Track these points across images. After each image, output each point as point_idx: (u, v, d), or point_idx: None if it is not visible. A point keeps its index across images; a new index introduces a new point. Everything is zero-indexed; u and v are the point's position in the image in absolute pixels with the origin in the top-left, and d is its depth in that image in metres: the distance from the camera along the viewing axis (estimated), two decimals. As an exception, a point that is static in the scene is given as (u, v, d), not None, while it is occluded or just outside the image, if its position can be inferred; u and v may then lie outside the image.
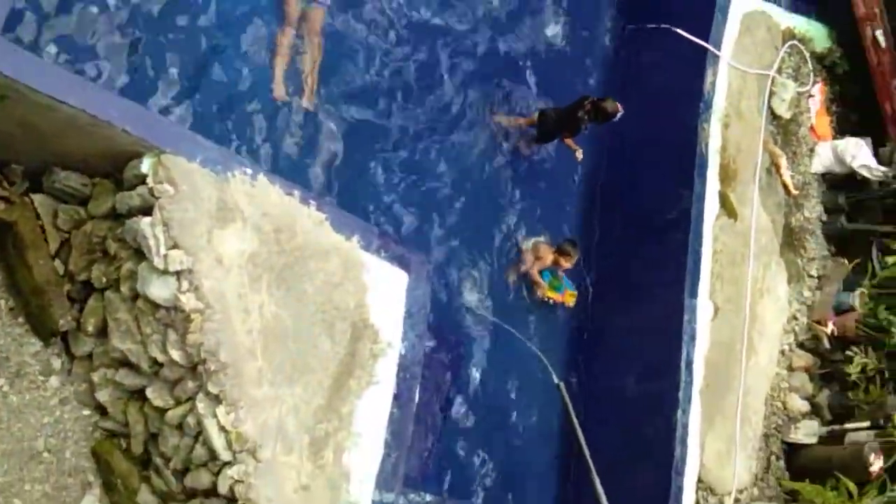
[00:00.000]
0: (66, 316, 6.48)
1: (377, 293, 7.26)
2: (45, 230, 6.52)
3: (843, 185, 11.76)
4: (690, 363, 9.64)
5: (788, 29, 11.48)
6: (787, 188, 11.17)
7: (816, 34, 11.86)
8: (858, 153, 11.40)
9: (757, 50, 10.99)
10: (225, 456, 6.23)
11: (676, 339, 9.67)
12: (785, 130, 11.29)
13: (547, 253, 10.03)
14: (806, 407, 10.80)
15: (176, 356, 6.22)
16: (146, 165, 6.17)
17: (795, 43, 11.49)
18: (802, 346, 11.10)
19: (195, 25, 8.06)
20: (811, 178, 11.61)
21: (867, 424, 10.36)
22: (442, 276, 9.49)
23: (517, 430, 9.96)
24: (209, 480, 6.32)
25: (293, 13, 8.47)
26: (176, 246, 6.08)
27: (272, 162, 8.41)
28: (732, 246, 10.32)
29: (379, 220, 9.08)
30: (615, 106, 9.64)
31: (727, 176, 10.35)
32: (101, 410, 6.67)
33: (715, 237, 10.13)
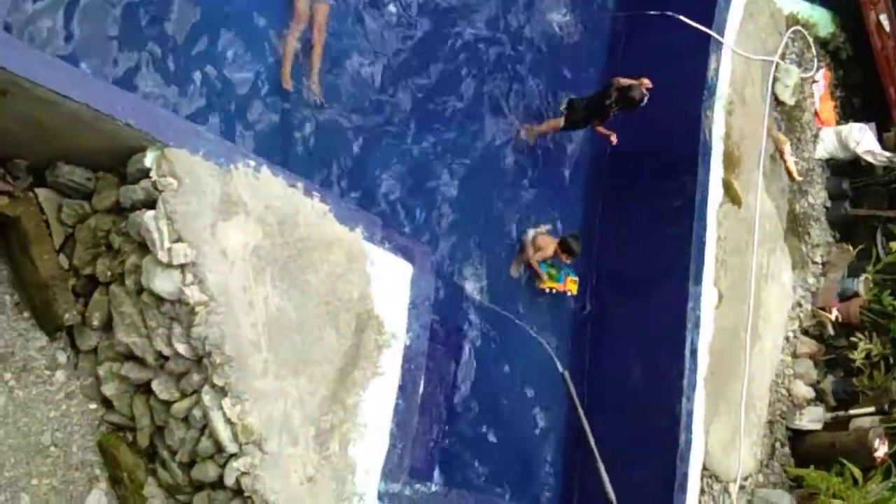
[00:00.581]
0: (71, 310, 6.50)
1: (381, 284, 7.26)
2: (49, 225, 6.53)
3: (847, 170, 11.74)
4: (695, 350, 9.64)
5: (792, 14, 11.43)
6: (790, 174, 11.14)
7: (820, 19, 11.81)
8: (862, 138, 11.36)
9: (760, 36, 10.95)
10: (231, 448, 6.26)
11: (680, 326, 9.65)
12: (789, 116, 11.25)
13: (549, 244, 10.01)
14: (810, 393, 10.80)
15: (181, 349, 6.24)
16: (149, 159, 6.17)
17: (799, 28, 11.45)
18: (807, 332, 11.10)
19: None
20: (815, 163, 11.59)
21: (872, 410, 10.37)
22: (446, 266, 9.50)
23: (522, 419, 9.98)
24: (216, 473, 6.34)
25: (303, 9, 8.61)
26: (180, 239, 6.09)
27: (276, 153, 8.42)
28: (736, 233, 10.31)
29: (382, 210, 9.08)
30: (641, 93, 9.70)
31: (731, 163, 10.33)
32: (107, 404, 6.70)
33: (719, 224, 10.11)
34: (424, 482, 8.00)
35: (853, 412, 10.48)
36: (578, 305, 10.61)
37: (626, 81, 9.84)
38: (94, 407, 6.70)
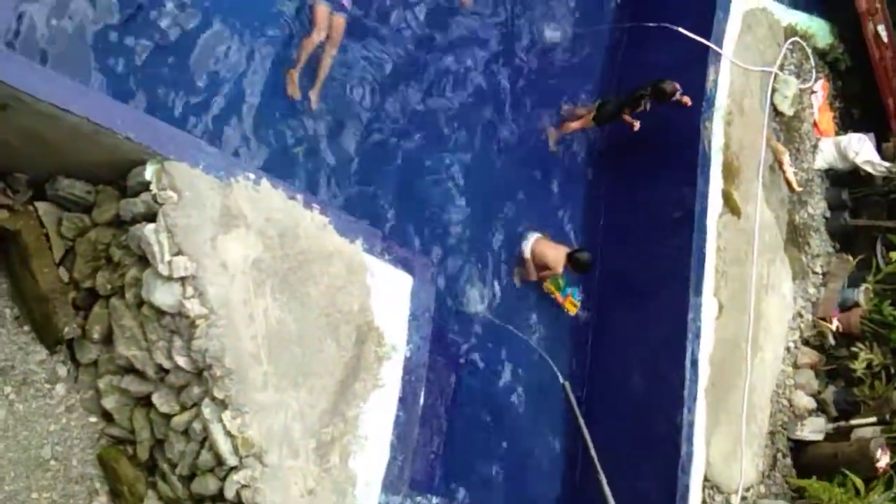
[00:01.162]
0: (71, 323, 6.50)
1: (381, 296, 7.26)
2: (49, 238, 6.54)
3: (846, 181, 11.74)
4: (695, 361, 9.63)
5: (790, 25, 11.46)
6: (790, 185, 11.15)
7: (818, 30, 11.84)
8: (862, 149, 11.37)
9: (759, 47, 10.98)
10: (231, 461, 6.25)
11: (681, 337, 9.64)
12: (788, 127, 11.27)
13: (556, 260, 9.85)
14: (812, 404, 10.78)
15: (181, 362, 6.24)
16: (149, 172, 6.19)
17: (797, 39, 11.47)
18: (807, 342, 11.08)
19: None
20: (814, 174, 11.60)
21: (873, 420, 10.35)
22: (446, 278, 9.50)
23: (522, 430, 9.95)
24: (216, 486, 6.33)
25: (322, 20, 8.72)
26: (180, 252, 6.09)
27: (277, 163, 8.47)
28: (736, 243, 10.31)
29: (383, 223, 9.10)
30: (673, 87, 9.88)
31: (730, 173, 10.34)
32: (107, 417, 6.69)
33: (718, 234, 10.11)
34: (425, 494, 8.01)
35: (855, 422, 10.45)
36: (579, 316, 10.58)
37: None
38: (94, 420, 6.69)
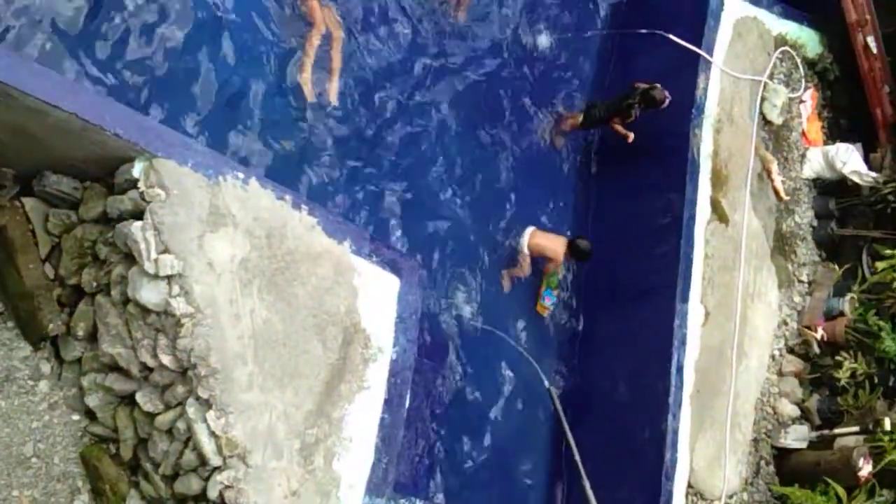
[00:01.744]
0: (55, 320, 6.47)
1: (368, 298, 7.26)
2: (35, 234, 6.51)
3: (833, 190, 11.78)
4: (681, 368, 9.65)
5: (780, 35, 11.50)
6: (778, 193, 11.18)
7: (808, 40, 11.88)
8: (849, 159, 11.41)
9: (749, 56, 11.01)
10: (215, 461, 6.23)
11: (667, 343, 9.66)
12: (776, 136, 11.31)
13: (556, 249, 9.90)
14: (796, 412, 10.81)
15: (166, 361, 6.22)
16: (138, 169, 6.17)
17: (787, 49, 11.51)
18: (792, 350, 11.11)
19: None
20: (802, 183, 11.63)
21: (856, 429, 10.37)
22: (433, 280, 9.49)
23: (507, 434, 9.95)
24: (199, 486, 6.31)
25: (318, 16, 8.68)
26: (167, 250, 6.07)
27: (272, 165, 8.50)
28: (724, 251, 10.34)
29: (371, 223, 9.10)
30: (662, 94, 9.87)
31: (719, 181, 10.37)
32: (90, 415, 6.66)
33: (706, 242, 10.13)
34: (409, 497, 8.00)
35: (838, 431, 10.48)
36: (566, 321, 10.60)
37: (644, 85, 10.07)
38: (77, 418, 6.65)
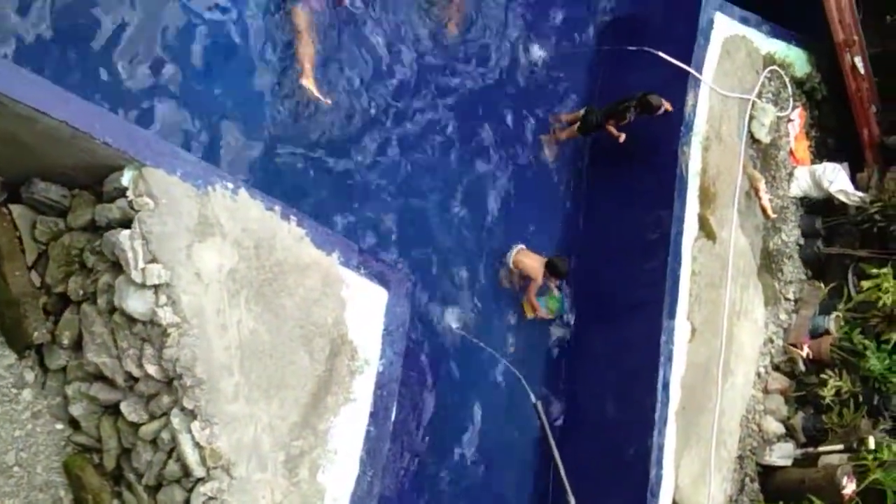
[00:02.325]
0: (41, 328, 6.43)
1: (356, 310, 7.25)
2: (22, 241, 6.48)
3: (820, 209, 11.85)
4: (667, 384, 9.66)
5: (769, 54, 11.58)
6: (765, 211, 11.23)
7: (796, 59, 11.97)
8: (836, 178, 11.48)
9: (737, 74, 11.08)
10: (199, 472, 6.20)
11: (653, 359, 9.67)
12: (764, 154, 11.37)
13: (537, 269, 10.01)
14: (781, 429, 10.83)
15: (152, 371, 6.19)
16: (126, 178, 6.16)
17: (775, 68, 11.59)
18: (778, 368, 11.14)
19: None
20: (789, 201, 11.69)
21: (841, 447, 10.39)
22: (422, 293, 9.49)
23: (494, 449, 9.93)
24: (182, 497, 6.27)
25: (303, 22, 8.80)
26: (154, 260, 6.06)
27: (255, 175, 8.49)
28: (711, 268, 10.37)
29: (359, 236, 9.10)
30: (659, 101, 9.98)
31: (706, 198, 10.42)
32: (74, 425, 6.62)
33: (693, 259, 10.17)
34: (394, 511, 7.96)
35: (822, 449, 10.50)
36: (553, 336, 10.59)
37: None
38: (60, 427, 6.61)
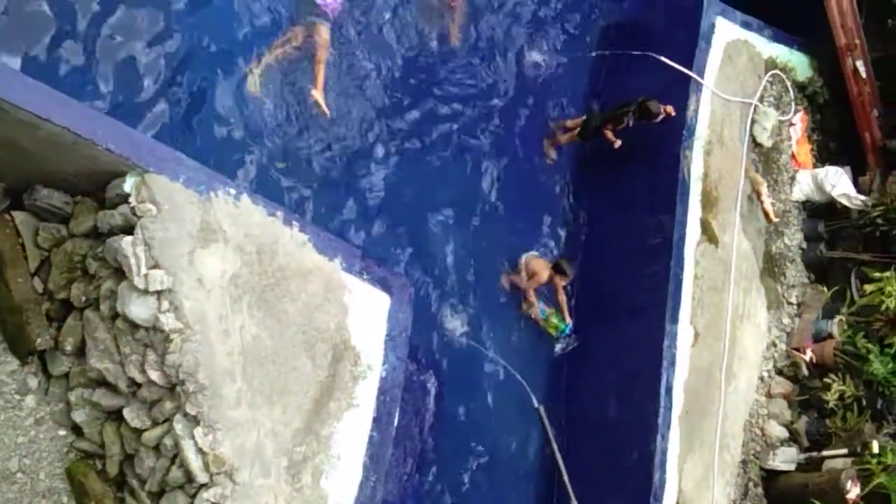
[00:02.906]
0: (43, 335, 6.44)
1: (358, 315, 7.25)
2: (24, 248, 6.49)
3: (822, 213, 11.84)
4: (670, 388, 9.65)
5: (770, 58, 11.58)
6: (767, 215, 11.23)
7: (798, 64, 11.97)
8: (838, 182, 11.47)
9: (739, 78, 11.09)
10: (202, 478, 6.19)
11: (656, 364, 9.66)
12: (766, 158, 11.37)
13: (542, 270, 10.08)
14: (784, 433, 10.81)
15: (154, 377, 6.19)
16: (129, 184, 6.16)
17: (777, 72, 11.59)
18: (781, 372, 11.13)
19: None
20: (791, 205, 11.68)
21: (844, 452, 10.37)
22: (424, 298, 9.48)
23: (497, 453, 9.92)
24: (185, 503, 6.26)
25: (324, 37, 8.96)
26: (157, 266, 6.06)
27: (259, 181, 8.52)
28: (713, 272, 10.36)
29: (363, 240, 9.11)
30: (658, 107, 10.03)
31: (709, 202, 10.41)
32: (76, 431, 6.62)
33: (696, 263, 10.16)
34: (397, 516, 7.95)
35: (826, 453, 10.48)
36: (556, 341, 10.58)
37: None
38: (63, 433, 6.61)
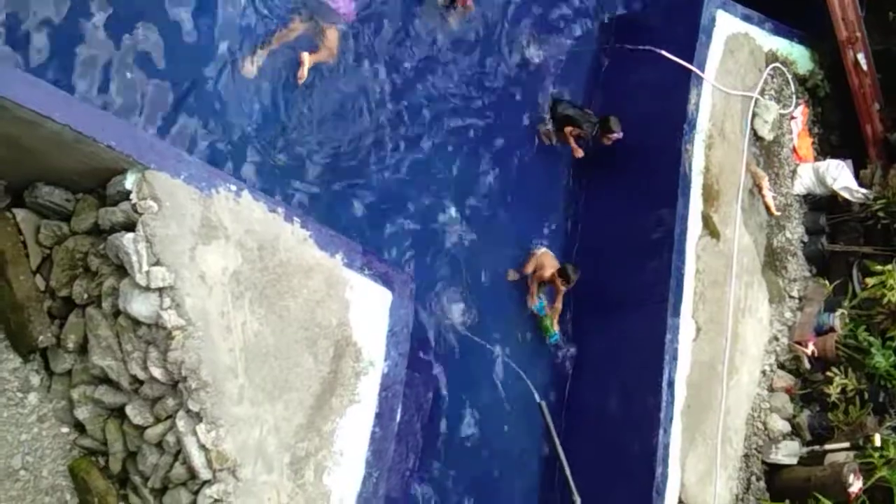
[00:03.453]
0: (45, 332, 6.44)
1: (360, 311, 7.25)
2: (26, 245, 6.49)
3: (824, 206, 11.83)
4: (672, 383, 9.65)
5: (771, 51, 11.57)
6: (769, 209, 11.22)
7: (799, 57, 11.96)
8: (840, 175, 11.46)
9: (740, 72, 11.07)
10: (204, 475, 6.20)
11: (658, 358, 9.67)
12: (767, 152, 11.36)
13: (549, 267, 10.10)
14: (786, 427, 10.81)
15: (157, 373, 6.20)
16: (130, 181, 6.16)
17: (778, 65, 11.58)
18: (783, 366, 11.13)
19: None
20: (793, 199, 11.68)
21: (847, 445, 10.38)
22: (425, 294, 9.48)
23: (499, 448, 9.93)
24: (188, 500, 6.28)
25: (334, 39, 9.07)
26: (158, 262, 6.06)
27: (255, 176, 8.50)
28: (715, 266, 10.36)
29: (365, 235, 9.11)
30: (617, 125, 10.26)
31: (710, 196, 10.41)
32: (79, 428, 6.62)
33: (697, 257, 10.16)
34: (400, 512, 7.95)
35: (828, 447, 10.49)
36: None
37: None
38: (66, 431, 6.62)
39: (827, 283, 11.44)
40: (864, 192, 11.48)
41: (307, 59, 8.84)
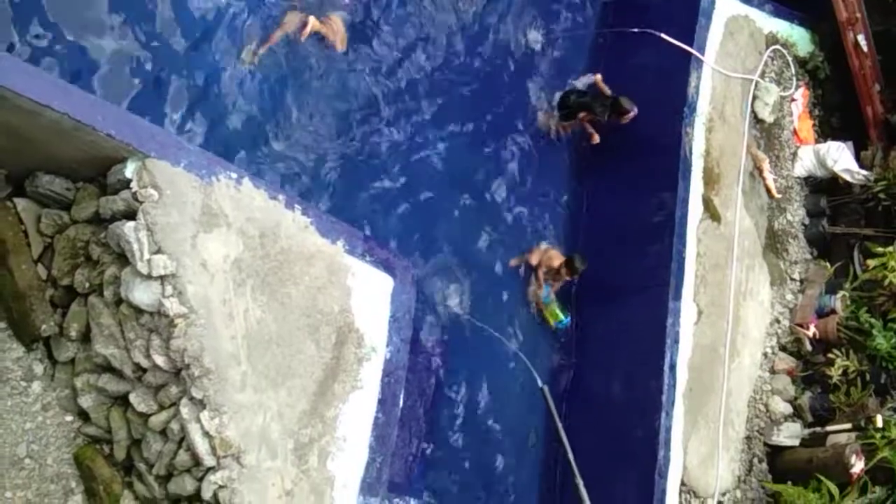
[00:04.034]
0: (48, 321, 6.45)
1: (362, 297, 7.26)
2: (27, 235, 6.49)
3: (825, 188, 11.84)
4: (674, 366, 9.68)
5: (771, 33, 11.54)
6: (769, 191, 11.22)
7: (799, 39, 11.92)
8: (840, 157, 11.46)
9: (740, 54, 11.05)
10: (209, 461, 6.22)
11: (660, 341, 9.68)
12: (768, 134, 11.35)
13: (556, 258, 10.15)
14: (788, 409, 10.85)
15: (159, 361, 6.21)
16: (130, 170, 6.15)
17: (778, 47, 11.55)
18: (785, 348, 11.16)
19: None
20: (794, 181, 11.68)
21: (848, 426, 10.41)
22: (427, 279, 9.50)
23: (501, 433, 9.96)
24: (193, 486, 6.31)
25: (339, 29, 9.07)
26: (160, 251, 6.06)
27: (257, 166, 8.48)
28: (716, 249, 10.37)
29: (366, 222, 9.11)
30: (630, 106, 10.17)
31: (711, 179, 10.40)
32: (83, 416, 6.64)
33: (698, 240, 10.16)
34: (403, 496, 8.00)
35: (830, 428, 10.53)
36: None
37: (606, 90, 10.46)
38: (70, 419, 6.64)
39: (828, 265, 11.46)
40: (864, 173, 11.48)
41: (313, 22, 8.76)
